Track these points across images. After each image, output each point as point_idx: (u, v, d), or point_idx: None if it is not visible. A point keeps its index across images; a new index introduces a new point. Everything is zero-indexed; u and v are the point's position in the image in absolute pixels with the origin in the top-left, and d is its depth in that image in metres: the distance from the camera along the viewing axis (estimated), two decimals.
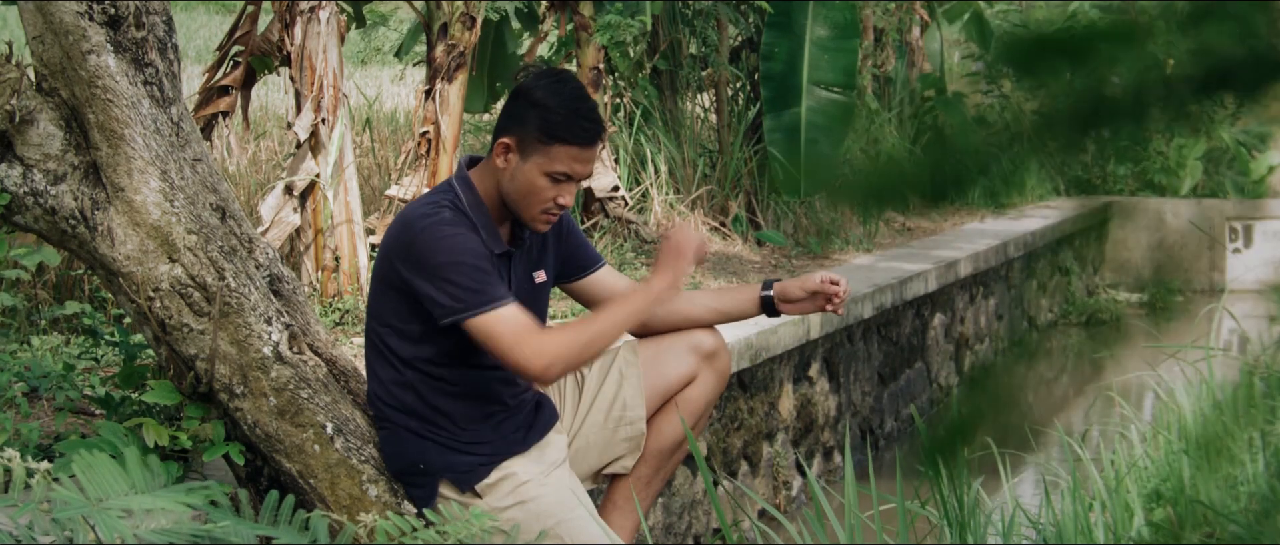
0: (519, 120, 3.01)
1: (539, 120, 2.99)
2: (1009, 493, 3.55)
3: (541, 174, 3.00)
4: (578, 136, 3.00)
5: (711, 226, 7.31)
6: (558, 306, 5.76)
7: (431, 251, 2.95)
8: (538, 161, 3.00)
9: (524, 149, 3.01)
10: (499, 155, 3.03)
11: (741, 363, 4.98)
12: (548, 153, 2.99)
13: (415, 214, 3.03)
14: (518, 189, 3.02)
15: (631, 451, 3.27)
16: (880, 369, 6.70)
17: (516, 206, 3.06)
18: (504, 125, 3.05)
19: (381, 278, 3.08)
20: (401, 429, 3.06)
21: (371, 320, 3.11)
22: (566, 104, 3.00)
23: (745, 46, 7.87)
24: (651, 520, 4.37)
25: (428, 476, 3.06)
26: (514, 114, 3.03)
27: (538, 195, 3.02)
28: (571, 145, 3.00)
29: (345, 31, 5.48)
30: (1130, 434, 4.28)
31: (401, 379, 3.05)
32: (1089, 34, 1.33)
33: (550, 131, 2.98)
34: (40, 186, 2.88)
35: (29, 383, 3.51)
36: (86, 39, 2.83)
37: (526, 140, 3.00)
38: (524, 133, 3.00)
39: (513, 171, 3.02)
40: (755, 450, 5.29)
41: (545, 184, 3.01)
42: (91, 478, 2.39)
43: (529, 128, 3.00)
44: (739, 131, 7.63)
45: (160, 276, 2.90)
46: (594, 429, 3.26)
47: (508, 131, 3.03)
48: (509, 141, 3.02)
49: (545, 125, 2.98)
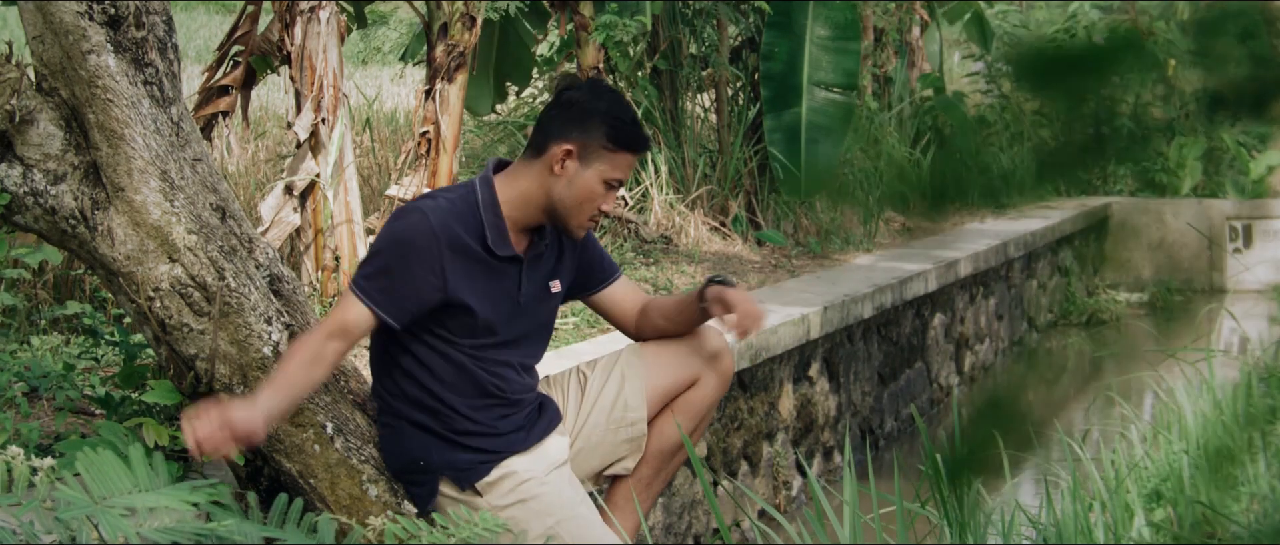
0: (582, 127, 3.02)
1: (608, 128, 3.02)
2: (1009, 493, 3.55)
3: (601, 181, 3.04)
4: (641, 145, 3.09)
5: (711, 226, 7.31)
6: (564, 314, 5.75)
7: (387, 229, 3.03)
8: (600, 168, 3.03)
9: (586, 156, 3.02)
10: (557, 161, 3.03)
11: (741, 363, 4.98)
12: (613, 160, 3.04)
13: (417, 198, 3.11)
14: (574, 195, 3.04)
15: (633, 453, 3.27)
16: (880, 369, 6.70)
17: (566, 212, 3.06)
18: (562, 131, 3.03)
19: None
20: (404, 423, 3.06)
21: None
22: (629, 114, 3.08)
23: (745, 46, 7.87)
24: (651, 520, 4.36)
25: (428, 474, 3.06)
26: (574, 121, 3.03)
27: (592, 202, 3.06)
28: (634, 153, 3.08)
29: (345, 31, 5.48)
30: (1130, 434, 4.28)
31: (404, 370, 3.06)
32: (1097, 50, 1.33)
33: (619, 139, 3.03)
34: (40, 186, 2.88)
35: (29, 383, 3.51)
36: (86, 39, 2.83)
37: (590, 147, 3.02)
38: (588, 140, 3.02)
39: (571, 178, 3.03)
40: (755, 450, 5.29)
41: (601, 191, 3.05)
42: (95, 476, 2.39)
43: (594, 135, 3.02)
44: (739, 131, 7.63)
45: (160, 276, 2.90)
46: (596, 429, 3.26)
47: (568, 138, 3.02)
48: (571, 147, 3.02)
49: (615, 133, 3.02)
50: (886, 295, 6.46)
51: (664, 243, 6.90)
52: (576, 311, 5.44)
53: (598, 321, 5.30)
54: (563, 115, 3.06)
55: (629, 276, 6.16)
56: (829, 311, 5.75)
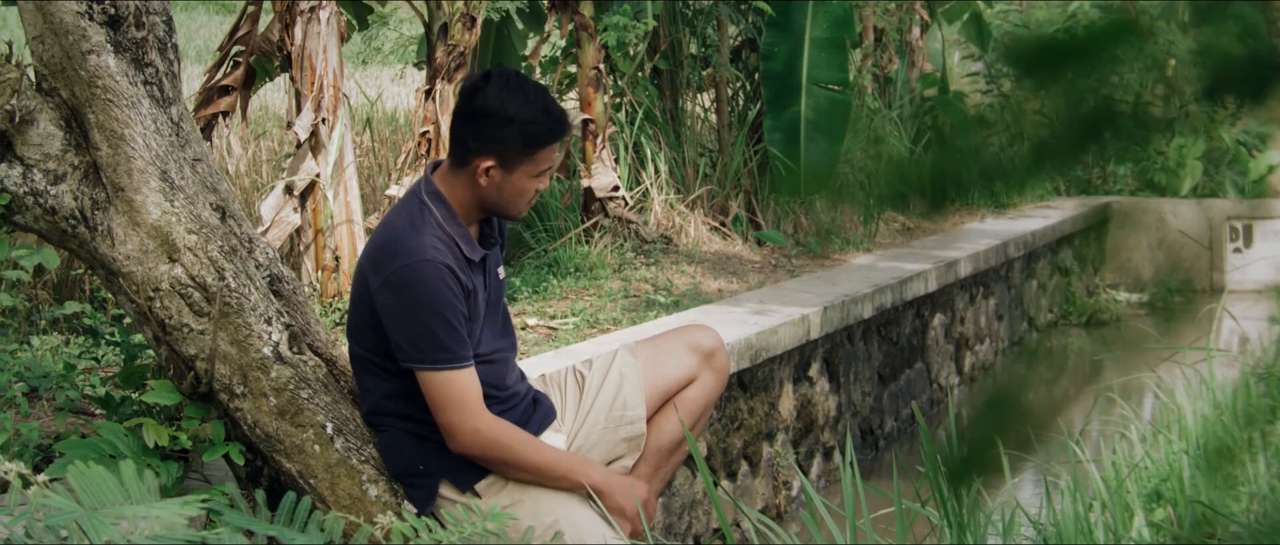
0: (496, 140, 3.01)
1: (519, 135, 3.01)
2: (1009, 493, 3.55)
3: (529, 178, 3.06)
4: (558, 134, 3.07)
5: (711, 226, 7.31)
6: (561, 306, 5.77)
7: (412, 296, 2.95)
8: (525, 168, 3.05)
9: (508, 164, 3.03)
10: (480, 174, 3.03)
11: (741, 363, 4.98)
12: (534, 159, 3.05)
13: (401, 243, 2.99)
14: (505, 198, 3.07)
15: (631, 451, 3.28)
16: (880, 369, 6.70)
17: (504, 208, 3.10)
18: (480, 147, 3.02)
19: (362, 299, 3.06)
20: (399, 432, 3.07)
21: (353, 341, 3.11)
22: (538, 109, 3.03)
23: (745, 46, 7.87)
24: (651, 521, 4.36)
25: (427, 477, 3.06)
26: (488, 135, 3.01)
27: (526, 194, 3.09)
28: (553, 144, 3.07)
29: (345, 32, 5.48)
30: (1130, 434, 4.27)
31: (393, 390, 3.06)
32: (1091, 35, 1.33)
33: (533, 141, 3.03)
34: (40, 186, 2.88)
35: (29, 383, 3.51)
36: (86, 39, 2.83)
37: (509, 156, 3.02)
38: (505, 151, 3.02)
39: (499, 186, 3.05)
40: (755, 450, 5.29)
41: (532, 185, 3.08)
42: (86, 487, 2.39)
43: (510, 145, 3.02)
44: (739, 131, 7.63)
45: (160, 276, 2.90)
46: (595, 429, 3.26)
47: (486, 153, 3.02)
48: (491, 163, 3.02)
49: (527, 138, 3.02)
50: (886, 295, 6.46)
51: (664, 243, 6.90)
52: (576, 311, 5.44)
53: (597, 321, 5.30)
54: (475, 129, 3.03)
55: (629, 277, 6.16)
56: (829, 311, 5.75)
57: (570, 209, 6.86)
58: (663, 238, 6.94)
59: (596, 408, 3.27)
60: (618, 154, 7.13)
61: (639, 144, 7.29)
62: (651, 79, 7.51)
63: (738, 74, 7.77)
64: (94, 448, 2.88)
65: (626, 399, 3.27)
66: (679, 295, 5.92)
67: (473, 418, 2.99)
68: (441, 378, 2.96)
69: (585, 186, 6.80)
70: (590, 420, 3.27)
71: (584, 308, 5.51)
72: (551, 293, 5.87)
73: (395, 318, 2.96)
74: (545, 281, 6.04)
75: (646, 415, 3.28)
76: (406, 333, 2.96)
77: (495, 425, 3.02)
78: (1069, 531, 3.25)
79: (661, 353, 3.33)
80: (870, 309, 6.24)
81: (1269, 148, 11.45)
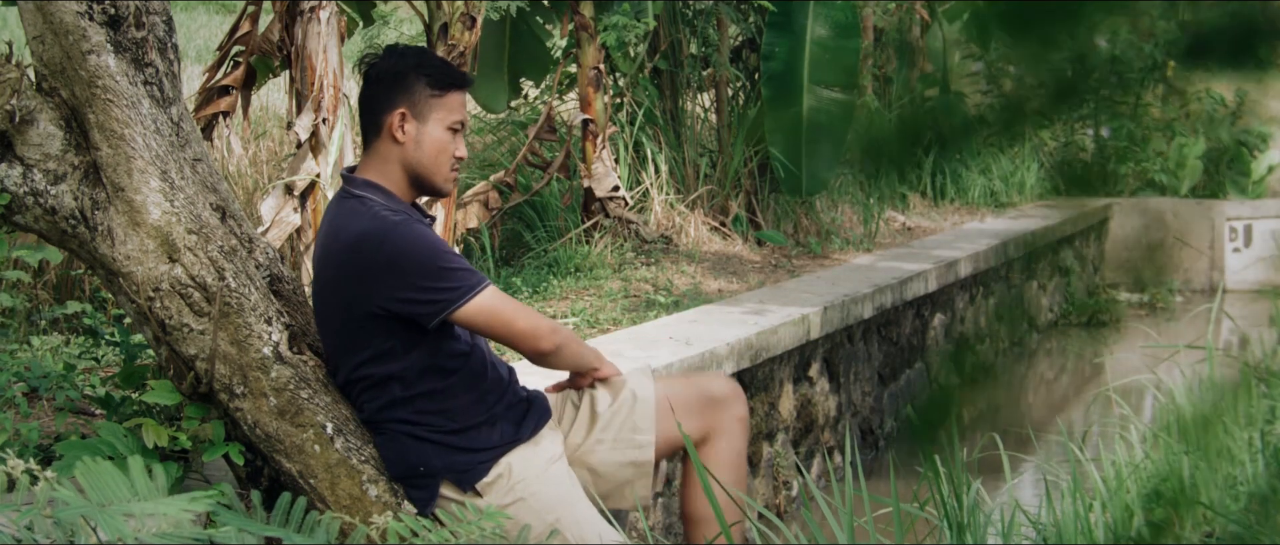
0: (404, 88, 3.07)
1: (426, 78, 3.07)
2: (1009, 493, 3.55)
3: (444, 128, 3.09)
4: (462, 80, 3.13)
5: (712, 226, 7.31)
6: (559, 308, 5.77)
7: (404, 256, 2.96)
8: (438, 116, 3.08)
9: (419, 111, 3.07)
10: (396, 129, 3.06)
11: (742, 363, 4.98)
12: (444, 103, 3.08)
13: (357, 231, 2.99)
14: (426, 153, 3.08)
15: (639, 477, 3.23)
16: (880, 369, 6.70)
17: (428, 173, 3.10)
18: (389, 100, 3.07)
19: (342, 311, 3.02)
20: (400, 434, 3.07)
21: (339, 366, 3.06)
22: (437, 58, 3.14)
23: (746, 46, 7.87)
24: (651, 520, 4.36)
25: (429, 478, 3.06)
26: (394, 87, 3.08)
27: (446, 152, 3.10)
28: (461, 89, 3.12)
29: (345, 31, 5.48)
30: (1130, 434, 4.27)
31: (391, 397, 3.05)
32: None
33: (440, 82, 3.08)
34: (40, 186, 2.88)
35: (29, 383, 3.51)
36: (86, 39, 2.83)
37: (419, 101, 3.07)
38: (413, 97, 3.07)
39: (416, 139, 3.07)
40: (755, 450, 5.29)
41: (449, 137, 3.10)
42: (93, 483, 2.39)
43: (417, 90, 3.07)
44: (739, 131, 7.63)
45: (160, 276, 2.90)
46: (600, 445, 3.23)
47: (396, 104, 3.07)
48: (403, 111, 3.06)
49: (434, 79, 3.08)
50: (886, 295, 6.46)
51: (664, 243, 6.90)
52: (576, 311, 5.44)
53: (598, 321, 5.30)
54: (381, 88, 3.09)
55: (629, 277, 6.16)
56: (829, 311, 5.75)
57: (570, 209, 6.86)
58: (663, 238, 6.94)
59: (603, 420, 3.24)
60: (618, 154, 7.14)
61: (639, 144, 7.29)
62: (651, 79, 7.51)
63: (738, 74, 7.77)
64: (94, 448, 2.88)
65: (637, 422, 3.23)
66: (679, 295, 5.92)
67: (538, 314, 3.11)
68: (485, 298, 2.99)
69: (585, 186, 6.81)
70: (596, 434, 3.24)
71: (584, 308, 5.51)
72: (551, 293, 5.87)
73: (404, 285, 2.95)
74: (545, 281, 6.05)
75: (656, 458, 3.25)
76: (424, 289, 2.96)
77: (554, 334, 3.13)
78: (1069, 531, 3.25)
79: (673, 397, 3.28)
80: (870, 309, 6.24)
81: (1269, 148, 11.46)
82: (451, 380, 3.06)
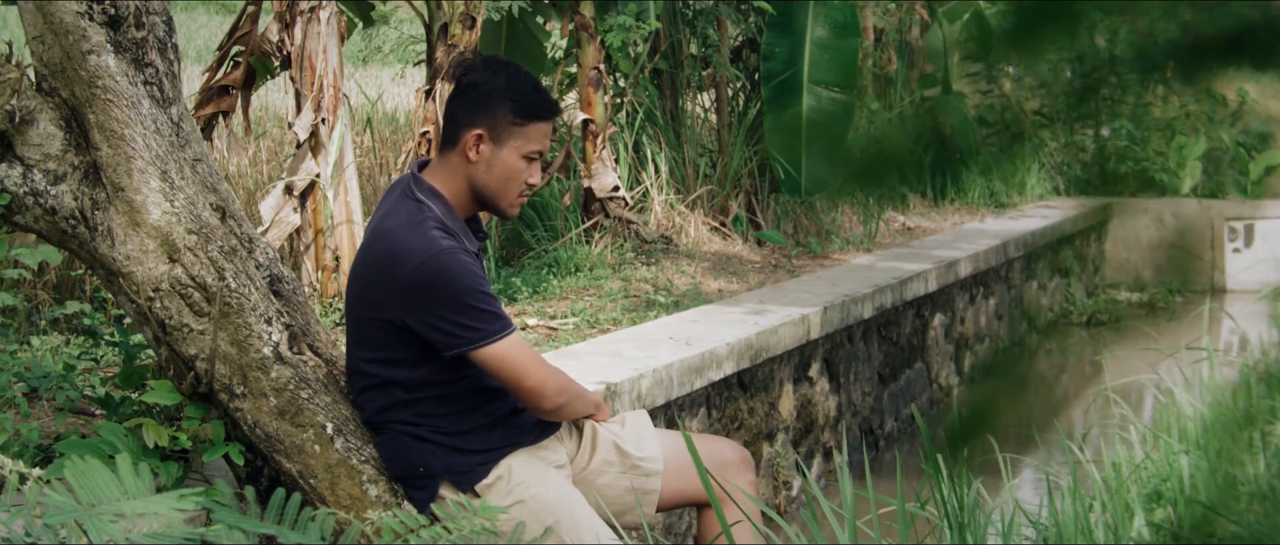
0: (486, 109, 3.03)
1: (511, 104, 3.02)
2: (1009, 493, 3.55)
3: (520, 156, 3.04)
4: (550, 111, 3.07)
5: (712, 227, 7.31)
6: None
7: (443, 288, 2.93)
8: (516, 144, 3.04)
9: (498, 136, 3.03)
10: (470, 148, 3.03)
11: (742, 363, 4.98)
12: (525, 133, 3.04)
13: (409, 244, 2.96)
14: (496, 178, 3.05)
15: (645, 503, 3.23)
16: (880, 369, 6.70)
17: (494, 196, 3.07)
18: (470, 117, 3.04)
19: (366, 309, 3.03)
20: (400, 434, 3.07)
21: (354, 352, 3.08)
22: (531, 84, 3.07)
23: (746, 46, 7.87)
24: (651, 520, 4.36)
25: (428, 478, 3.06)
26: (479, 104, 3.03)
27: (517, 179, 3.06)
28: (545, 121, 3.06)
29: (345, 32, 5.48)
30: (1130, 434, 4.27)
31: (393, 400, 3.05)
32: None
33: (525, 111, 3.03)
34: (40, 186, 2.88)
35: (29, 383, 3.51)
36: (86, 39, 2.83)
37: (499, 126, 3.03)
38: (495, 120, 3.02)
39: (489, 161, 3.04)
40: (755, 450, 5.29)
41: (523, 166, 3.05)
42: (83, 483, 2.38)
43: (500, 113, 3.02)
44: (739, 131, 7.63)
45: (160, 276, 2.90)
46: (609, 467, 3.22)
47: (476, 123, 3.03)
48: (481, 132, 3.03)
49: (520, 107, 3.02)
50: (886, 295, 6.46)
51: (664, 243, 6.90)
52: (576, 311, 5.44)
53: (598, 321, 5.30)
54: (467, 101, 3.05)
55: (629, 277, 6.16)
56: (829, 311, 5.75)
57: (570, 209, 6.86)
58: (663, 238, 6.94)
59: (611, 441, 3.24)
60: (618, 154, 7.13)
61: (639, 144, 7.29)
62: (652, 79, 7.51)
63: (738, 74, 7.77)
64: (94, 448, 2.88)
65: (647, 452, 3.24)
66: (679, 295, 5.92)
67: (551, 370, 3.05)
68: (505, 346, 2.96)
69: (585, 186, 6.80)
70: (601, 456, 3.24)
71: (584, 308, 5.51)
72: (551, 293, 5.87)
73: (432, 312, 2.93)
74: (545, 281, 6.04)
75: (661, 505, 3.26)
76: (450, 321, 2.94)
77: (565, 378, 3.11)
78: (1069, 531, 3.25)
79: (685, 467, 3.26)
80: (870, 309, 6.24)
81: (1269, 148, 11.46)
82: (457, 387, 3.06)
